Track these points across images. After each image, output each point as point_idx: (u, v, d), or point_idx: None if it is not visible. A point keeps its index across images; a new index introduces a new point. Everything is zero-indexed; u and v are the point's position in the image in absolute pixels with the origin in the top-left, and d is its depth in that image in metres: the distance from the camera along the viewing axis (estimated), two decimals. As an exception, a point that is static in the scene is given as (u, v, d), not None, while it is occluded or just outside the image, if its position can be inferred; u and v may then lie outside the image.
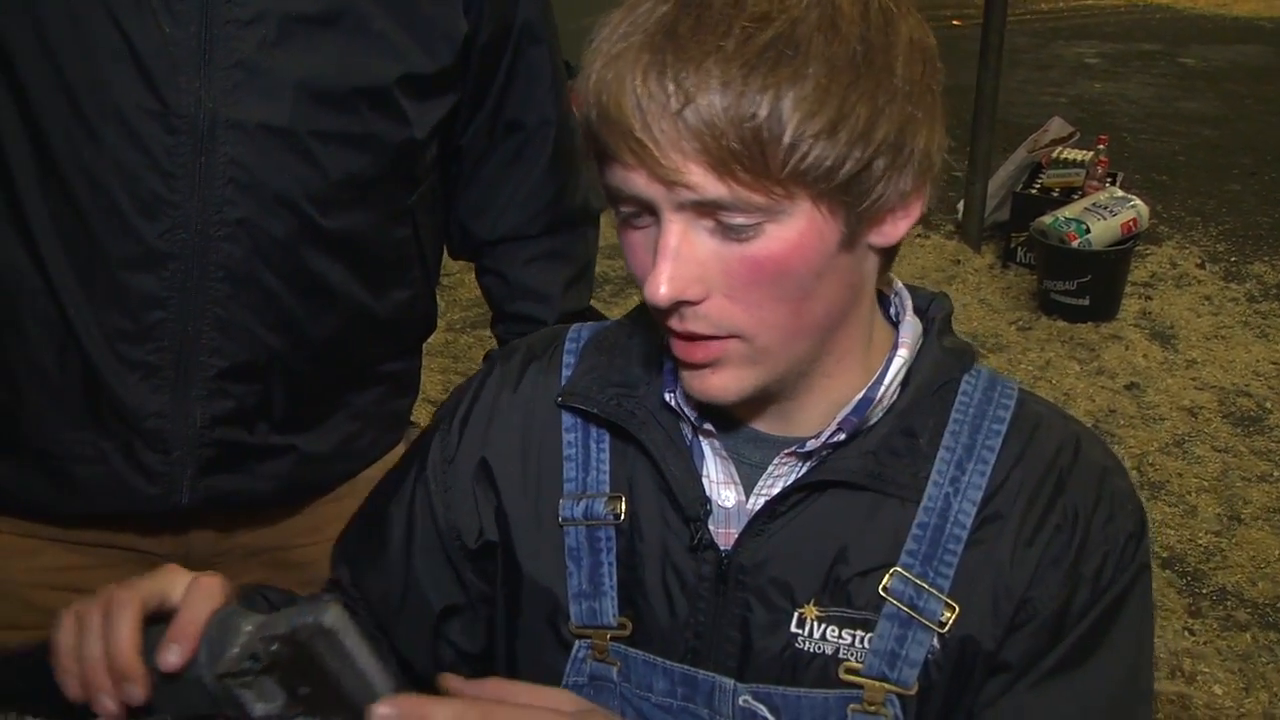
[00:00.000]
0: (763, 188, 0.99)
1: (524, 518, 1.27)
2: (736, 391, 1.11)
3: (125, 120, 1.43)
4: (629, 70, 1.00)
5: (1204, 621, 3.56)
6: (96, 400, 1.51)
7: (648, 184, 1.02)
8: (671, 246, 1.03)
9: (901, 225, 1.10)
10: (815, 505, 1.16)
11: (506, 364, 1.34)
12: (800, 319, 1.07)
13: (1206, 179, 7.45)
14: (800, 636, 1.16)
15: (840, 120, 0.98)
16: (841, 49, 0.99)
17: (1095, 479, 1.16)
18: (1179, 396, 4.84)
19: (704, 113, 0.97)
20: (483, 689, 1.12)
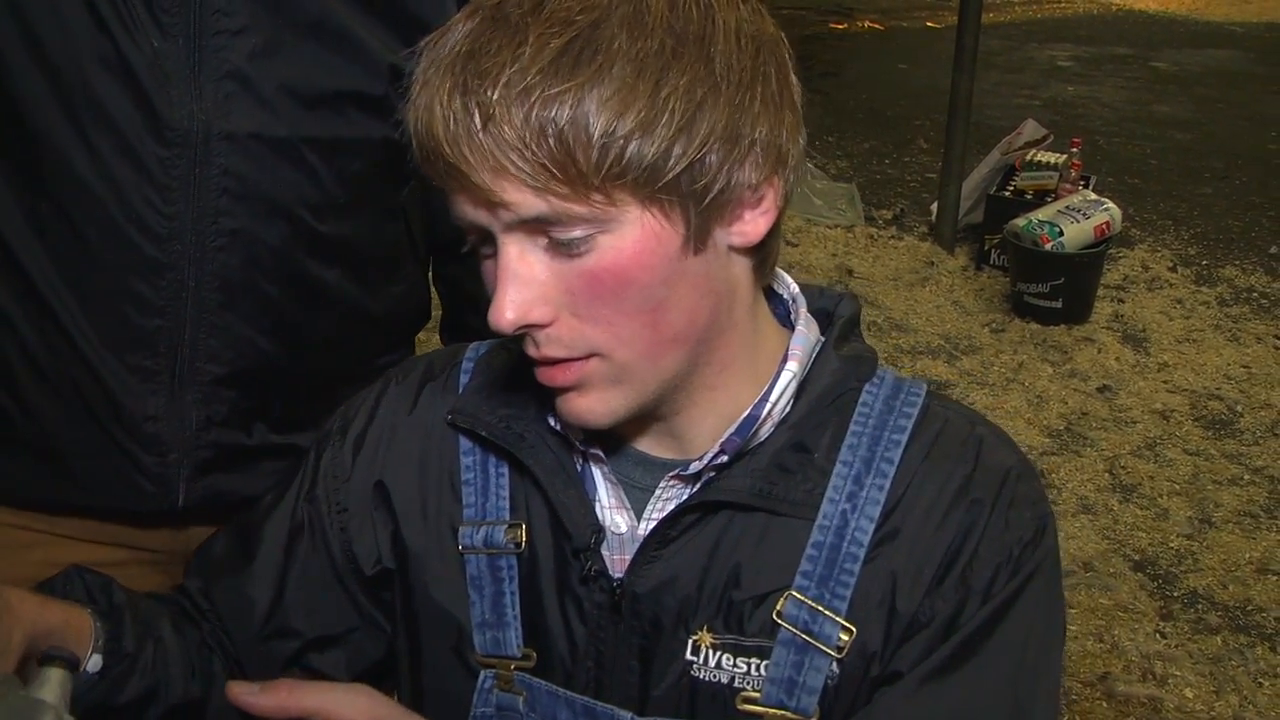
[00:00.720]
0: (582, 197, 0.96)
1: (423, 545, 1.23)
2: (606, 414, 1.07)
3: (119, 133, 1.42)
4: (435, 94, 0.97)
5: (1175, 624, 3.57)
6: (93, 401, 1.51)
7: (473, 209, 1.00)
8: (509, 270, 1.00)
9: (761, 223, 1.05)
10: (708, 528, 1.12)
11: (403, 383, 1.30)
12: (658, 331, 1.03)
13: (1178, 182, 7.50)
14: (696, 664, 1.12)
15: (653, 117, 0.95)
16: (648, 44, 0.95)
17: (995, 486, 1.10)
18: (1151, 399, 4.86)
19: (506, 128, 0.94)
20: (276, 694, 1.11)
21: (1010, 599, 1.08)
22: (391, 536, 1.25)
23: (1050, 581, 1.11)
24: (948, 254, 6.15)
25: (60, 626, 1.08)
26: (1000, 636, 1.07)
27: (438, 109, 0.97)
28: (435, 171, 1.01)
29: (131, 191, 1.44)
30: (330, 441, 1.29)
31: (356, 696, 1.11)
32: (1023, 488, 1.12)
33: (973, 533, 1.09)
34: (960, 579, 1.08)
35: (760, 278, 1.12)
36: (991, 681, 1.07)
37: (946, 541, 1.09)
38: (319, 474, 1.28)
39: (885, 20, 11.34)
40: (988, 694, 1.07)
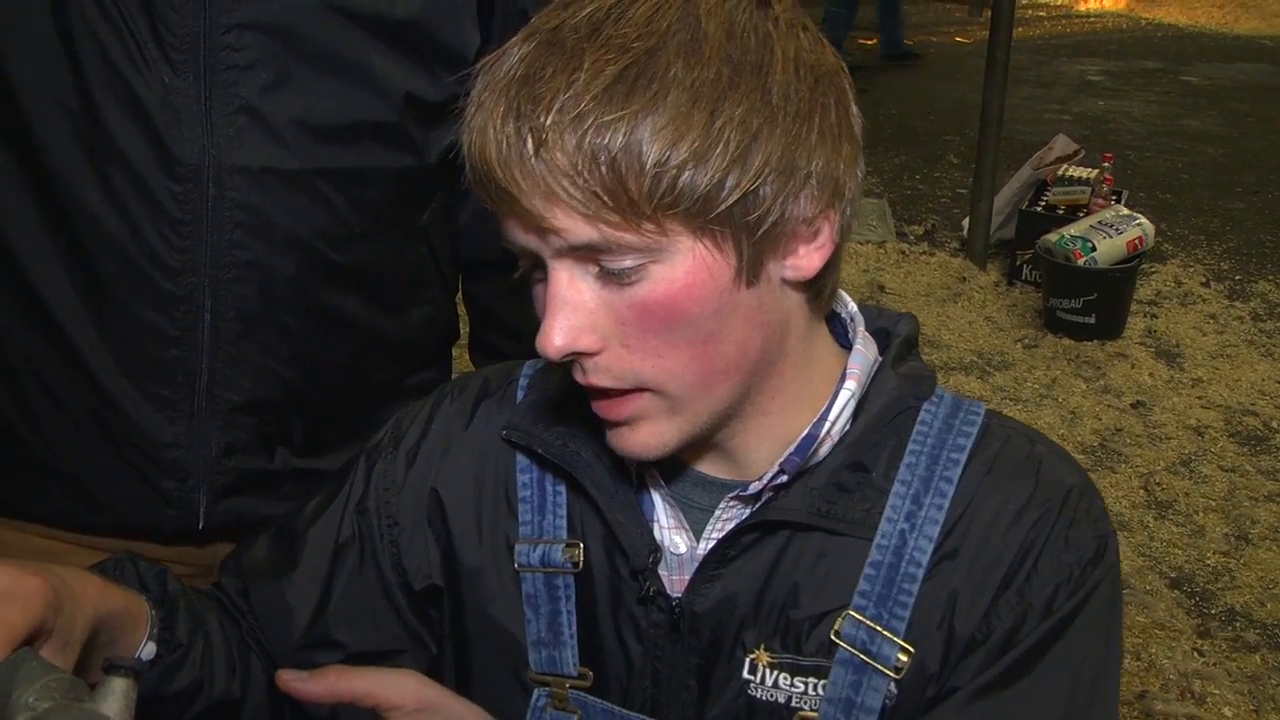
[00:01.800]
0: (633, 226, 0.95)
1: (477, 561, 1.23)
2: (658, 447, 1.06)
3: (131, 169, 1.44)
4: (489, 117, 0.97)
5: (1213, 642, 3.55)
6: (112, 429, 1.52)
7: (524, 234, 1.00)
8: (558, 296, 1.00)
9: (816, 258, 1.04)
10: (766, 547, 1.12)
11: (459, 398, 1.29)
12: (709, 363, 1.02)
13: (1210, 197, 7.45)
14: (753, 684, 1.12)
15: (708, 147, 0.94)
16: (704, 73, 0.94)
17: (1057, 504, 1.09)
18: (1185, 415, 4.83)
19: (558, 154, 0.94)
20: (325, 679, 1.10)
21: (1069, 616, 1.07)
22: (443, 552, 1.25)
23: (1110, 600, 1.10)
24: (979, 269, 6.13)
25: (120, 612, 1.08)
26: (1057, 653, 1.07)
27: (491, 132, 0.97)
28: (487, 194, 1.00)
29: (145, 226, 1.45)
30: (382, 454, 1.29)
31: (405, 680, 1.11)
32: (1084, 506, 1.11)
33: (1032, 551, 1.08)
34: (1019, 595, 1.07)
35: (816, 309, 1.11)
36: (1045, 698, 1.06)
37: (1007, 560, 1.08)
38: (370, 486, 1.28)
39: (914, 36, 11.31)
40: (1041, 711, 1.06)
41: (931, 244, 6.51)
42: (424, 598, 1.27)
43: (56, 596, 0.97)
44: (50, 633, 0.97)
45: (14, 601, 0.93)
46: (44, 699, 0.88)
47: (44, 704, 0.88)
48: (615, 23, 0.96)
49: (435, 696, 1.13)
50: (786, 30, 1.00)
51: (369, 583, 1.27)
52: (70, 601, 0.99)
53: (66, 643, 0.99)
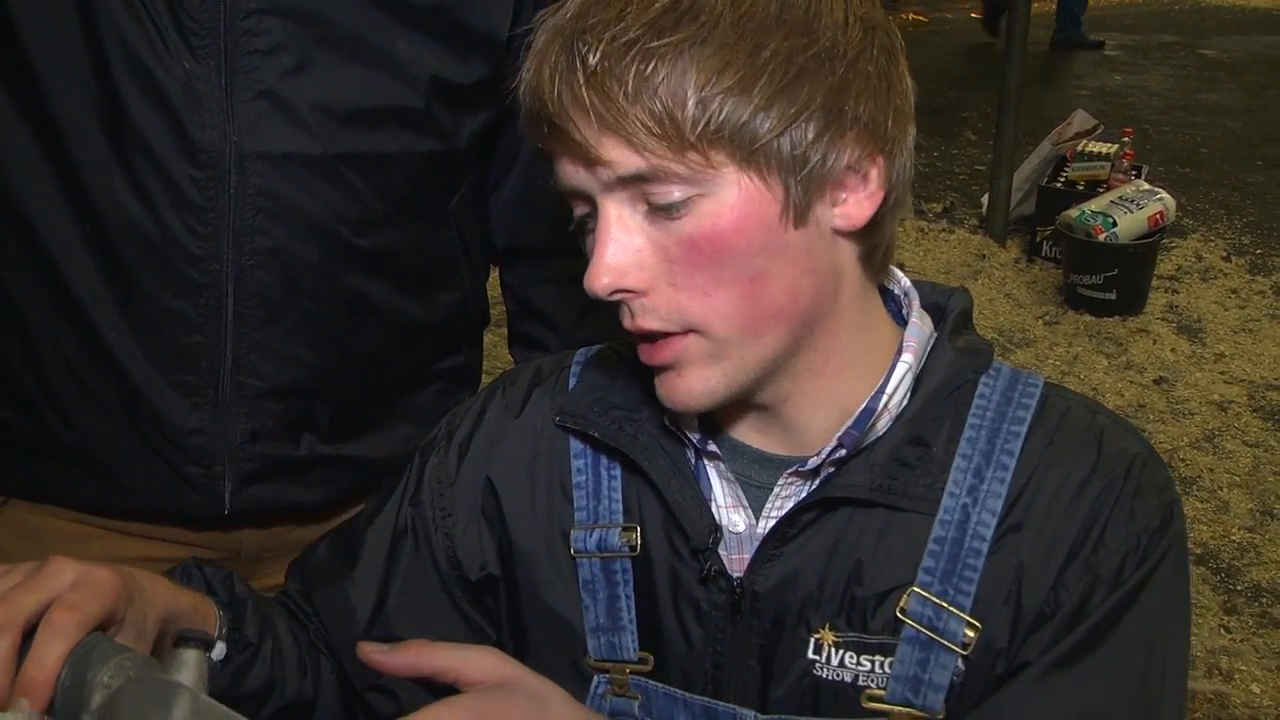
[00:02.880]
0: (679, 155, 0.97)
1: (533, 549, 1.23)
2: (704, 393, 1.06)
3: (153, 156, 1.43)
4: (543, 58, 1.01)
5: (1239, 619, 3.53)
6: (138, 416, 1.51)
7: (575, 170, 1.02)
8: (607, 232, 1.02)
9: (866, 206, 1.05)
10: (827, 525, 1.11)
11: (510, 389, 1.30)
12: (756, 304, 1.02)
13: (1230, 171, 7.41)
14: (818, 663, 1.11)
15: (751, 78, 0.96)
16: (752, 9, 0.97)
17: (1121, 473, 1.08)
18: (1208, 391, 4.81)
19: (608, 83, 0.96)
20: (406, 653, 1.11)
21: (1138, 586, 1.06)
22: (498, 541, 1.25)
23: (1179, 568, 1.10)
24: (999, 246, 6.10)
25: (189, 611, 1.09)
26: (1129, 624, 1.06)
27: (545, 69, 1.00)
28: (539, 133, 1.03)
29: (167, 213, 1.44)
30: (435, 449, 1.29)
31: (485, 656, 1.11)
32: (1148, 474, 1.10)
33: (1098, 521, 1.07)
34: (1086, 566, 1.07)
35: (870, 267, 1.11)
36: (1120, 669, 1.06)
37: (1073, 532, 1.07)
38: (423, 480, 1.28)
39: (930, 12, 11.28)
40: (1117, 682, 1.06)
41: (951, 221, 6.49)
42: (481, 588, 1.26)
43: (127, 587, 0.99)
44: (122, 622, 0.99)
45: (85, 589, 0.96)
46: (118, 676, 0.90)
47: (118, 680, 0.89)
48: None
49: (514, 672, 1.12)
50: None
51: (426, 576, 1.27)
52: (140, 594, 1.02)
53: (139, 635, 1.00)
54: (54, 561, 0.98)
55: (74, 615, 0.93)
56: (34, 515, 1.62)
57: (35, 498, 1.62)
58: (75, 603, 0.94)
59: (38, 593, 0.95)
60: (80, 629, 0.93)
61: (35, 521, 1.62)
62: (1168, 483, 1.11)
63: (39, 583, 0.96)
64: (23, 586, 0.96)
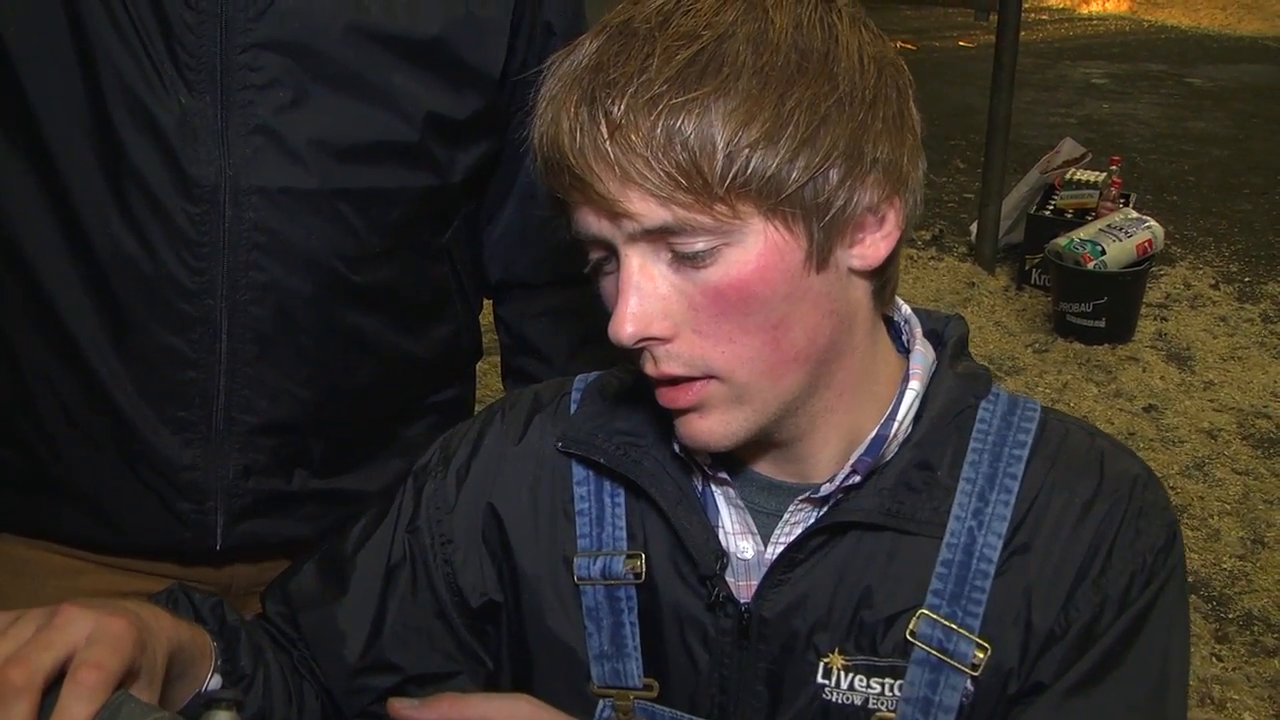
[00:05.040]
0: (706, 207, 0.97)
1: (536, 575, 1.22)
2: (726, 435, 1.07)
3: (148, 191, 1.43)
4: (562, 108, 1.00)
5: (1231, 647, 3.53)
6: (130, 451, 1.51)
7: (597, 220, 1.01)
8: (630, 282, 1.01)
9: (882, 246, 1.06)
10: (835, 550, 1.12)
11: (510, 415, 1.29)
12: (778, 350, 1.03)
13: (1218, 199, 7.45)
14: (828, 687, 1.12)
15: (778, 128, 0.96)
16: (773, 58, 0.97)
17: (1124, 496, 1.10)
18: (1198, 419, 4.82)
19: (632, 137, 0.96)
20: (438, 707, 1.07)
21: (1147, 607, 1.09)
22: (500, 567, 1.24)
23: (1182, 588, 1.12)
24: (988, 274, 6.12)
25: (189, 644, 1.07)
26: (1141, 646, 1.08)
27: (565, 121, 0.99)
28: (559, 184, 1.02)
29: (162, 248, 1.44)
30: (430, 475, 1.28)
31: (519, 705, 1.09)
32: (1150, 495, 1.12)
33: (1104, 542, 1.09)
34: (1094, 586, 1.08)
35: (880, 302, 1.12)
36: (1136, 690, 1.08)
37: (1080, 553, 1.09)
38: (421, 506, 1.27)
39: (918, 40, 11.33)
40: (1132, 703, 1.08)
41: (940, 249, 6.50)
42: (481, 615, 1.26)
43: (141, 636, 0.96)
44: (138, 672, 0.96)
45: (105, 643, 0.92)
46: None
47: None
48: (684, 14, 0.99)
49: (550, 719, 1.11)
50: (850, 24, 1.03)
51: (422, 603, 1.26)
52: (151, 638, 0.99)
53: (152, 679, 0.98)
54: (65, 612, 0.93)
55: (99, 674, 0.89)
56: (24, 549, 1.62)
57: (26, 532, 1.61)
58: (99, 660, 0.90)
59: (54, 649, 0.90)
60: (106, 688, 0.90)
61: (25, 555, 1.62)
62: (1167, 503, 1.14)
63: (53, 638, 0.91)
64: (37, 643, 0.91)
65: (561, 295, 1.77)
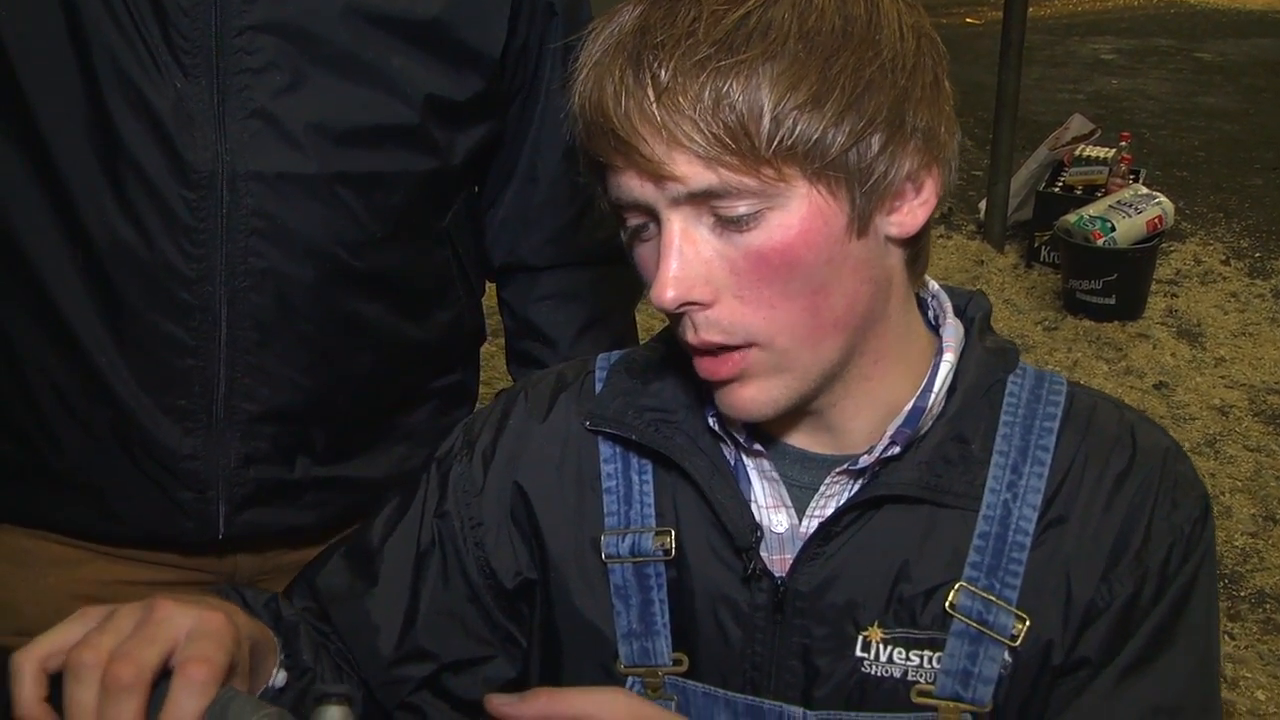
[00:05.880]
0: (752, 170, 0.97)
1: (563, 554, 1.22)
2: (768, 403, 1.07)
3: (144, 177, 1.41)
4: (606, 72, 1.00)
5: (1243, 625, 3.52)
6: (130, 441, 1.50)
7: (640, 184, 1.01)
8: (673, 245, 1.01)
9: (920, 213, 1.06)
10: (872, 523, 1.12)
11: (534, 394, 1.28)
12: (818, 316, 1.04)
13: (1228, 174, 7.41)
14: (866, 660, 1.12)
15: (824, 92, 0.97)
16: (819, 23, 0.98)
17: (1156, 467, 1.12)
18: (1209, 395, 4.80)
19: (680, 100, 0.96)
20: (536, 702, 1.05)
21: (1190, 581, 1.11)
22: (531, 545, 1.24)
23: (1214, 560, 1.15)
24: (997, 252, 6.09)
25: (261, 639, 1.07)
26: (1187, 621, 1.11)
27: (609, 85, 0.99)
28: (603, 147, 1.02)
29: (159, 234, 1.43)
30: (455, 458, 1.27)
31: (616, 698, 1.06)
32: (1182, 467, 1.14)
33: (1141, 513, 1.11)
34: (1136, 560, 1.10)
35: (913, 272, 1.13)
36: (1186, 665, 1.10)
37: (1117, 524, 1.11)
38: (448, 490, 1.26)
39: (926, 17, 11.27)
40: (1185, 678, 1.10)
41: (948, 227, 6.47)
42: (516, 595, 1.25)
43: (238, 630, 0.97)
44: (236, 667, 0.97)
45: (209, 638, 0.94)
46: None
47: None
48: None
49: (650, 712, 1.08)
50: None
51: (455, 589, 1.25)
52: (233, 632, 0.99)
53: (244, 674, 1.00)
54: (162, 607, 0.95)
55: (208, 669, 0.91)
56: (23, 539, 1.61)
57: (27, 523, 1.60)
58: (206, 655, 0.92)
59: (159, 644, 0.92)
60: (215, 683, 0.91)
61: (25, 545, 1.61)
62: (1197, 476, 1.16)
63: (155, 632, 0.93)
64: (140, 638, 0.92)
65: (565, 278, 1.75)
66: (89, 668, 0.91)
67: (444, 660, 1.25)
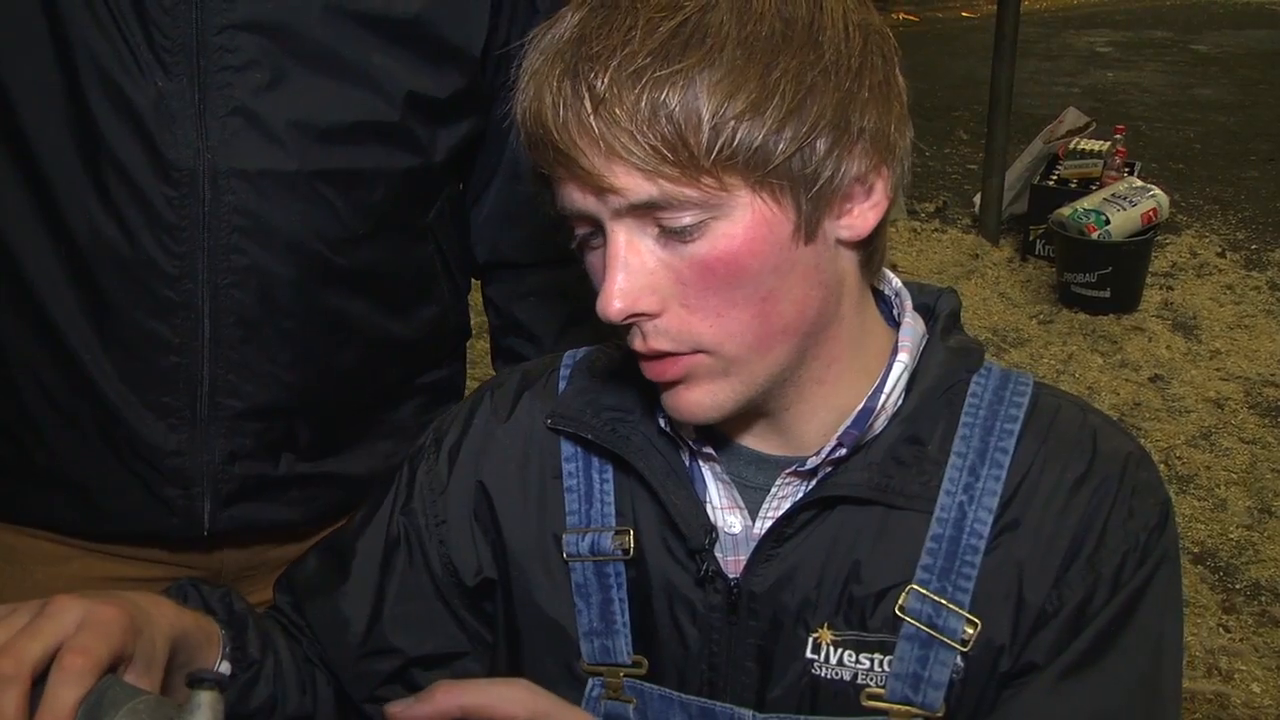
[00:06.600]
0: (693, 180, 0.96)
1: (525, 552, 1.22)
2: (714, 407, 1.06)
3: (126, 175, 1.41)
4: (545, 82, 0.98)
5: (1239, 618, 3.51)
6: (115, 438, 1.50)
7: (582, 196, 1.00)
8: (618, 258, 1.00)
9: (870, 216, 1.04)
10: (824, 524, 1.11)
11: (498, 393, 1.28)
12: (767, 323, 1.02)
13: (1224, 166, 7.41)
14: (817, 662, 1.11)
15: (764, 99, 0.95)
16: (757, 28, 0.96)
17: (1115, 474, 1.09)
18: (1204, 388, 4.80)
19: (616, 111, 0.95)
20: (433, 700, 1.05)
21: (1141, 588, 1.08)
22: (493, 544, 1.24)
23: (1175, 568, 1.11)
24: (992, 246, 6.09)
25: (194, 632, 1.07)
26: (1135, 627, 1.07)
27: (547, 95, 0.98)
28: (544, 159, 1.01)
29: (141, 232, 1.43)
30: (424, 456, 1.28)
31: (516, 691, 1.07)
32: (1143, 474, 1.11)
33: (1097, 519, 1.08)
34: (1088, 565, 1.07)
35: (868, 272, 1.12)
36: (1130, 672, 1.07)
37: (1071, 530, 1.08)
38: (414, 488, 1.27)
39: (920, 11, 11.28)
40: (1127, 685, 1.07)
41: (943, 221, 6.47)
42: (478, 594, 1.25)
43: (133, 621, 0.96)
44: (131, 658, 0.96)
45: (93, 630, 0.93)
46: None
47: None
48: None
49: (549, 706, 1.08)
50: None
51: (420, 584, 1.26)
52: (148, 625, 0.99)
53: (149, 665, 0.98)
54: (56, 602, 0.94)
55: (84, 659, 0.90)
56: (10, 535, 1.61)
57: (14, 519, 1.61)
58: (85, 646, 0.91)
59: (43, 638, 0.91)
60: (92, 673, 0.91)
61: (11, 542, 1.61)
62: (1159, 481, 1.13)
63: (43, 626, 0.92)
64: (26, 632, 0.92)
65: (549, 275, 1.75)
66: None
67: (411, 655, 1.26)
